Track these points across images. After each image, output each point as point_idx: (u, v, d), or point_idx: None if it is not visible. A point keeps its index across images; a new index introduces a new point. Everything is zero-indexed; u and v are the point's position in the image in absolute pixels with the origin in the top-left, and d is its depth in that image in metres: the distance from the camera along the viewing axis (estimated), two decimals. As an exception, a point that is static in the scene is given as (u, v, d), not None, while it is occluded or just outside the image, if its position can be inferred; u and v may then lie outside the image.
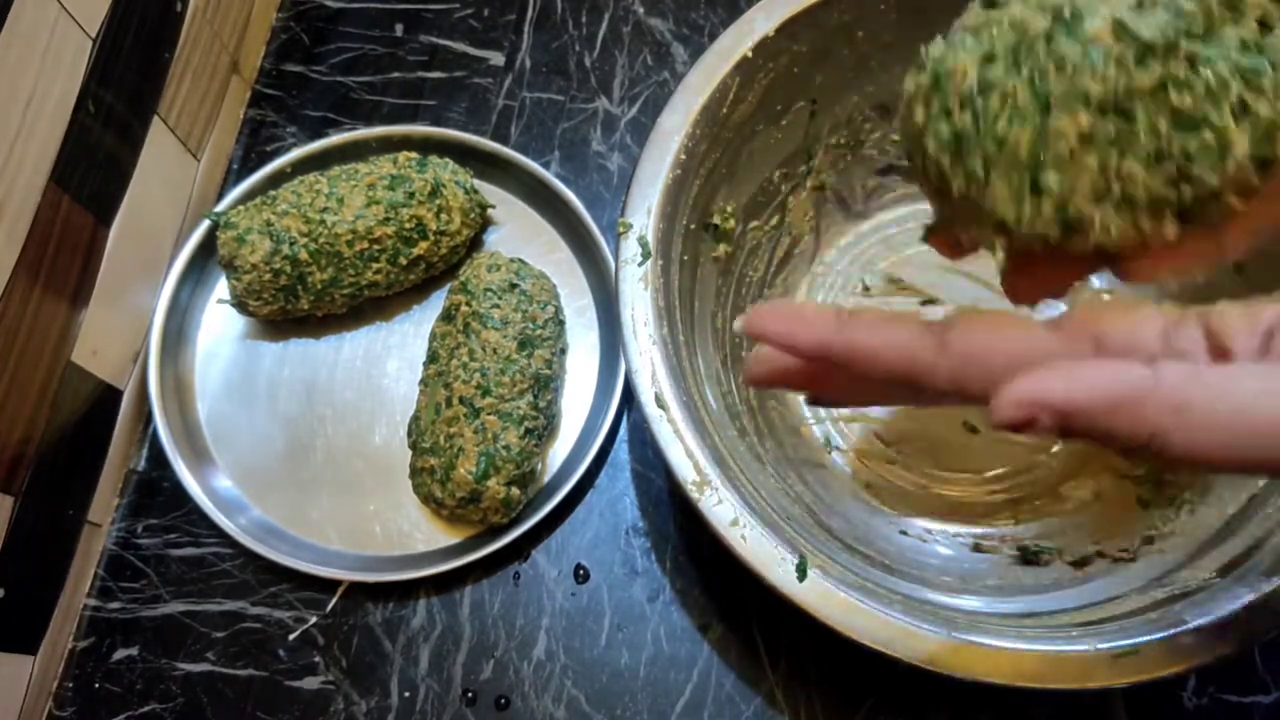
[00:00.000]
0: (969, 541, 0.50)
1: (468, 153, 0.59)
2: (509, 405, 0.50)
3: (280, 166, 0.59)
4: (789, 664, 0.50)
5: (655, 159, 0.46)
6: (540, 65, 0.64)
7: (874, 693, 0.49)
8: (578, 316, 0.58)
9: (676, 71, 0.63)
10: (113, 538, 0.55)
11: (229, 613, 0.53)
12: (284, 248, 0.52)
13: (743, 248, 0.53)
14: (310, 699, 0.51)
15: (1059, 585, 0.45)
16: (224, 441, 0.56)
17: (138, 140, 0.54)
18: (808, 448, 0.53)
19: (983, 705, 0.49)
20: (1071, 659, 0.37)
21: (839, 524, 0.48)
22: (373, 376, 0.57)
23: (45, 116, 0.46)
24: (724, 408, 0.47)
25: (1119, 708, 0.48)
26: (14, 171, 0.45)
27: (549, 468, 0.54)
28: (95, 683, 0.52)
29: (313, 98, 0.64)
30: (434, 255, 0.55)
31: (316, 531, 0.54)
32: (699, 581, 0.52)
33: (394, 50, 0.65)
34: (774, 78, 0.49)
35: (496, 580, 0.53)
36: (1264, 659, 0.49)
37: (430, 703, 0.51)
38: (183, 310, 0.58)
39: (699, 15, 0.65)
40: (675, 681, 0.50)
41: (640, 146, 0.47)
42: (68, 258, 0.49)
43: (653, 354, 0.43)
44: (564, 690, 0.50)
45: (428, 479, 0.50)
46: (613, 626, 0.52)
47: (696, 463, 0.41)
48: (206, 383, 0.57)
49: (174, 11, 0.56)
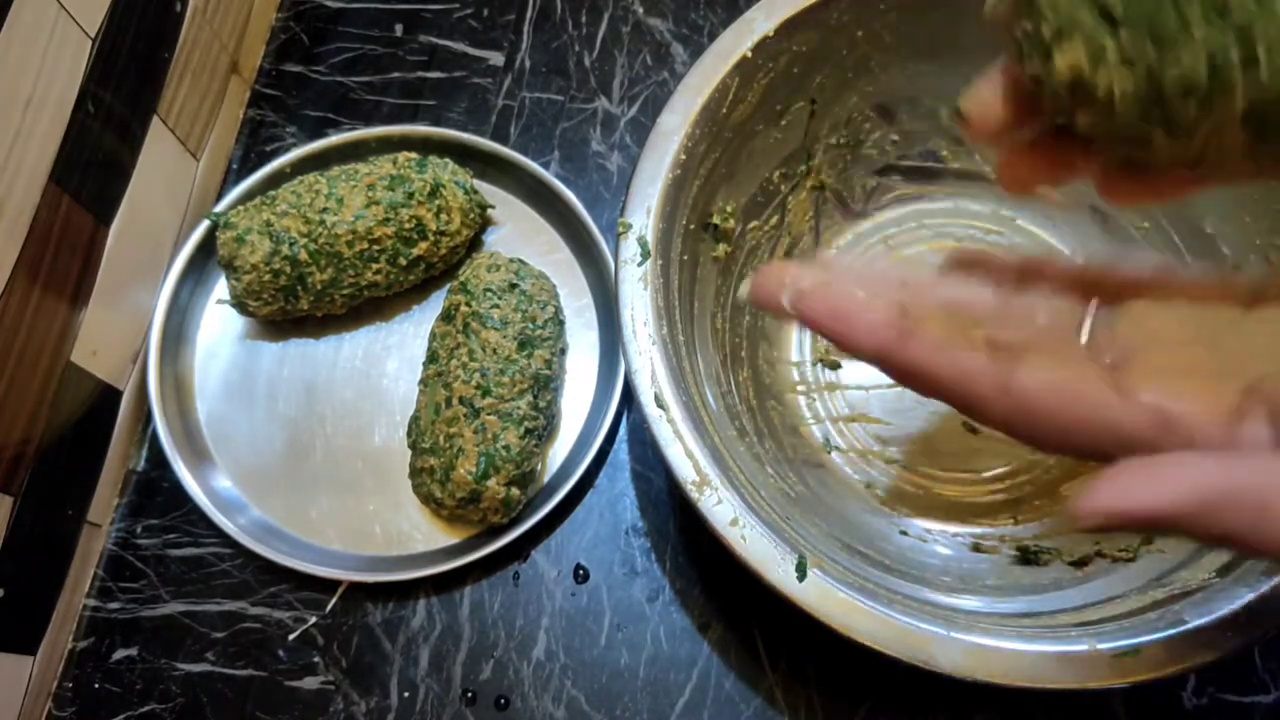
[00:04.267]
0: (969, 541, 0.50)
1: (467, 153, 0.59)
2: (509, 405, 0.50)
3: (280, 166, 0.59)
4: (789, 664, 0.50)
5: (655, 159, 0.46)
6: (540, 65, 0.64)
7: (874, 693, 0.49)
8: (577, 316, 0.58)
9: (676, 71, 0.63)
10: (112, 538, 0.55)
11: (228, 613, 0.53)
12: (284, 248, 0.52)
13: (742, 248, 0.53)
14: (310, 699, 0.51)
15: (1059, 585, 0.45)
16: (224, 441, 0.56)
17: (137, 140, 0.54)
18: (807, 448, 0.53)
19: (982, 705, 0.49)
20: (1071, 659, 0.37)
21: (839, 524, 0.48)
22: (372, 377, 0.57)
23: (45, 116, 0.46)
24: (724, 408, 0.47)
25: (1119, 708, 0.48)
26: (14, 171, 0.45)
27: (549, 468, 0.54)
28: (95, 683, 0.52)
29: (312, 98, 0.64)
30: (434, 255, 0.55)
31: (316, 531, 0.54)
32: (699, 581, 0.52)
33: (394, 50, 0.65)
34: (774, 78, 0.49)
35: (496, 580, 0.53)
36: (1264, 659, 0.49)
37: (430, 703, 0.51)
38: (182, 310, 0.58)
39: (699, 15, 0.65)
40: (675, 681, 0.50)
41: (640, 146, 0.47)
42: (67, 258, 0.49)
43: (652, 354, 0.43)
44: (564, 690, 0.50)
45: (427, 479, 0.50)
46: (612, 626, 0.52)
47: (696, 463, 0.41)
48: (206, 383, 0.57)
49: (173, 11, 0.56)
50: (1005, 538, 0.50)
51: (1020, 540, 0.49)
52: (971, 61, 0.27)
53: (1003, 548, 0.49)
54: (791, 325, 0.56)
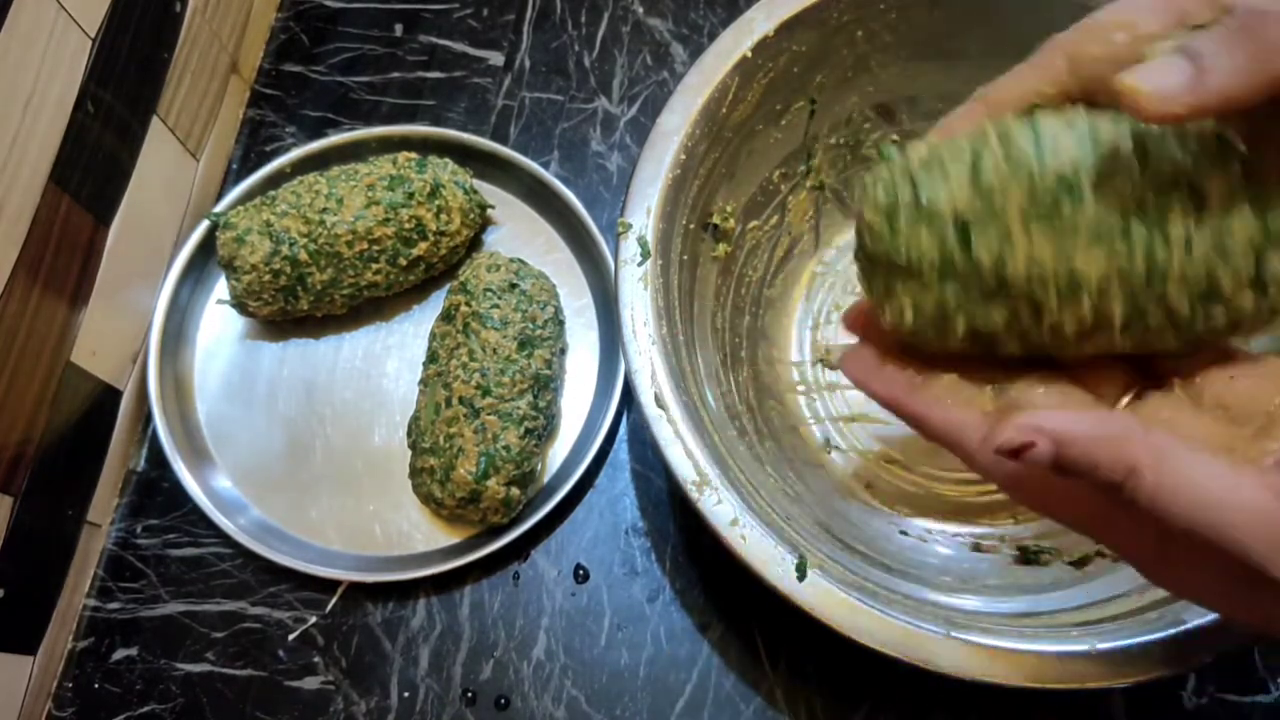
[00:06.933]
0: (969, 541, 0.50)
1: (467, 153, 0.59)
2: (509, 405, 0.50)
3: (280, 167, 0.59)
4: (789, 664, 0.50)
5: (655, 159, 0.46)
6: (540, 65, 0.64)
7: (874, 693, 0.49)
8: (577, 316, 0.58)
9: (676, 71, 0.63)
10: (112, 538, 0.55)
11: (228, 613, 0.53)
12: (284, 248, 0.52)
13: (742, 247, 0.53)
14: (310, 699, 0.51)
15: (1059, 585, 0.45)
16: (223, 441, 0.56)
17: (137, 140, 0.54)
18: (807, 448, 0.53)
19: (982, 705, 0.49)
20: (1071, 659, 0.37)
21: (839, 524, 0.48)
22: (372, 377, 0.57)
23: (45, 116, 0.46)
24: (723, 408, 0.47)
25: (1119, 708, 0.48)
26: (14, 171, 0.45)
27: (549, 468, 0.54)
28: (95, 683, 0.52)
29: (312, 98, 0.64)
30: (433, 255, 0.55)
31: (316, 531, 0.54)
32: (699, 581, 0.52)
33: (393, 50, 0.65)
34: (773, 78, 0.49)
35: (496, 580, 0.53)
36: (1264, 659, 0.49)
37: (430, 703, 0.50)
38: (182, 310, 0.58)
39: (698, 15, 0.65)
40: (675, 681, 0.50)
41: (640, 146, 0.47)
42: (67, 258, 0.49)
43: (652, 354, 0.43)
44: (564, 690, 0.50)
45: (427, 479, 0.50)
46: (612, 626, 0.52)
47: (696, 463, 0.41)
48: (206, 383, 0.57)
49: (173, 11, 0.56)
50: (1005, 538, 0.50)
51: (1020, 540, 0.49)
52: (971, 61, 0.27)
53: (1003, 548, 0.49)
54: (791, 325, 0.56)
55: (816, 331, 0.55)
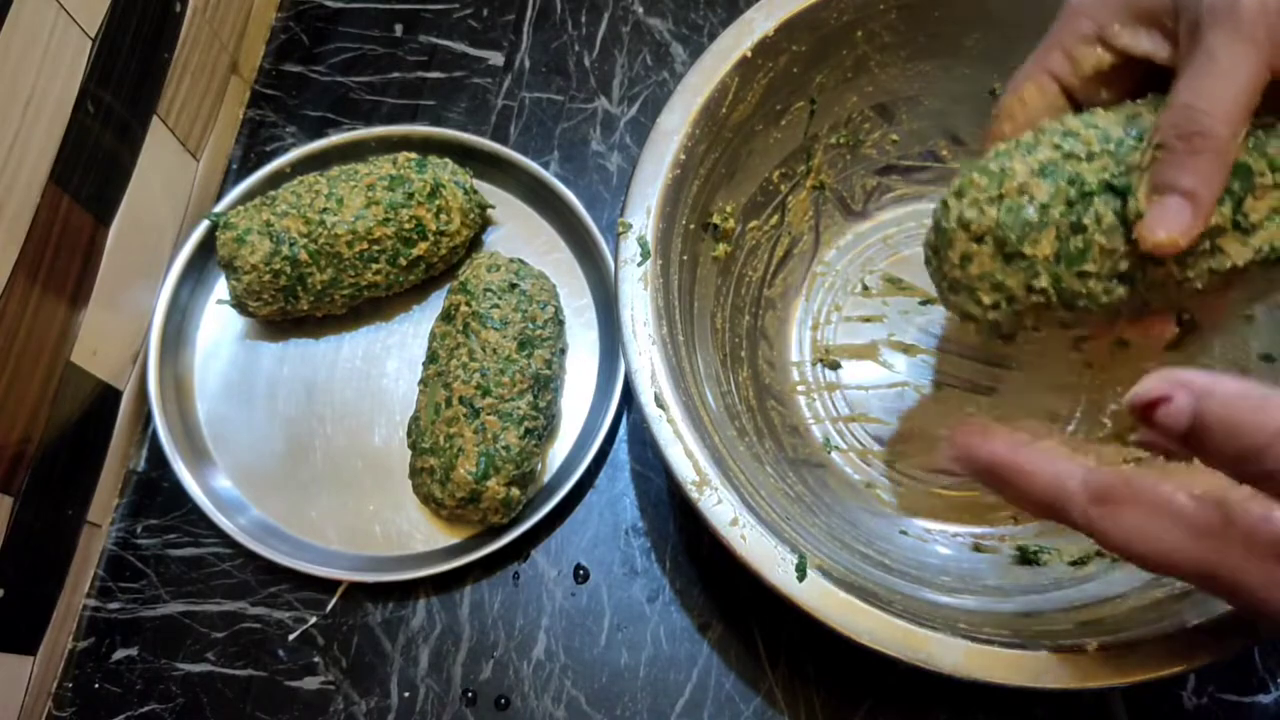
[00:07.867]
0: (969, 541, 0.50)
1: (467, 153, 0.59)
2: (509, 405, 0.50)
3: (280, 166, 0.59)
4: (789, 664, 0.50)
5: (654, 159, 0.46)
6: (539, 65, 0.64)
7: (873, 693, 0.49)
8: (577, 316, 0.58)
9: (676, 71, 0.63)
10: (112, 538, 0.55)
11: (228, 613, 0.53)
12: (284, 248, 0.52)
13: (742, 247, 0.53)
14: (310, 699, 0.51)
15: (1059, 585, 0.45)
16: (223, 441, 0.56)
17: (137, 140, 0.54)
18: (808, 448, 0.53)
19: (982, 705, 0.49)
20: (1071, 659, 0.37)
21: (839, 524, 0.48)
22: (372, 377, 0.57)
23: (45, 116, 0.46)
24: (723, 408, 0.47)
25: (1119, 708, 0.48)
26: (14, 171, 0.45)
27: (549, 468, 0.54)
28: (95, 683, 0.52)
29: (312, 98, 0.64)
30: (433, 256, 0.55)
31: (316, 531, 0.54)
32: (699, 581, 0.52)
33: (393, 50, 0.65)
34: (773, 78, 0.49)
35: (496, 580, 0.53)
36: (1264, 659, 0.49)
37: (430, 703, 0.51)
38: (182, 310, 0.58)
39: (698, 15, 0.65)
40: (675, 681, 0.50)
41: (639, 146, 0.47)
42: (67, 258, 0.49)
43: (652, 354, 0.43)
44: (564, 690, 0.50)
45: (427, 479, 0.50)
46: (612, 626, 0.52)
47: (696, 463, 0.41)
48: (206, 383, 0.57)
49: (173, 11, 0.56)
50: (1005, 538, 0.50)
51: (1020, 540, 0.49)
52: (972, 62, 0.27)
53: (1003, 548, 0.49)
54: (791, 325, 0.56)
55: (816, 331, 0.55)
